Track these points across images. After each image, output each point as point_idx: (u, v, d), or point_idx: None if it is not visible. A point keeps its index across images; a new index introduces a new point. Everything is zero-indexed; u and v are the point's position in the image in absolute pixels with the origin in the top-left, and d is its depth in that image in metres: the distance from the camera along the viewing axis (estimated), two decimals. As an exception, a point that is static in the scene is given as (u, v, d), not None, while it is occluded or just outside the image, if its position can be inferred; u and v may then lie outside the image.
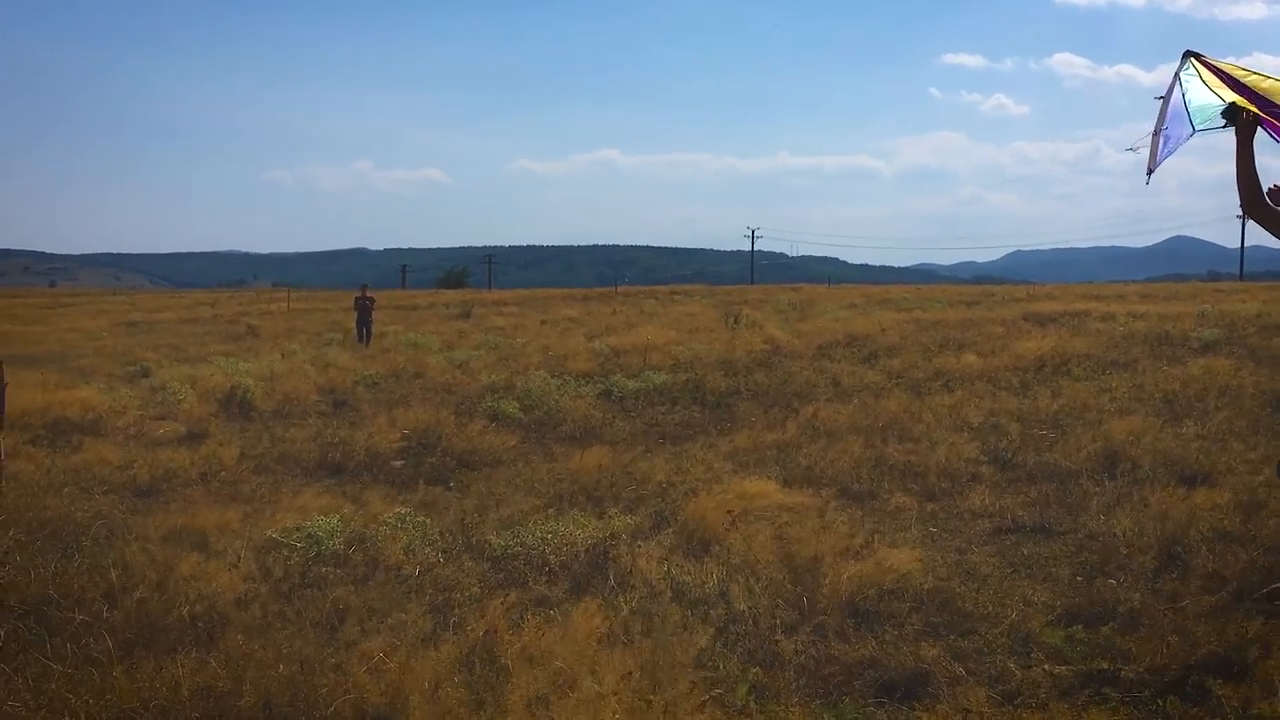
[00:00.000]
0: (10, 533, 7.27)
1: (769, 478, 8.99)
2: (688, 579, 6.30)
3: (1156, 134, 5.77)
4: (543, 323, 33.86)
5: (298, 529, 7.35)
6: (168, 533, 7.72)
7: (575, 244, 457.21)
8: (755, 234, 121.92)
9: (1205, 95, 5.60)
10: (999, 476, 8.95)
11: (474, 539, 7.38)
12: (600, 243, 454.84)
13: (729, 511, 7.44)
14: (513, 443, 11.53)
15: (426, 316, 41.17)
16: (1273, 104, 5.30)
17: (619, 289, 68.31)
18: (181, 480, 10.03)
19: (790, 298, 47.13)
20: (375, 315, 29.84)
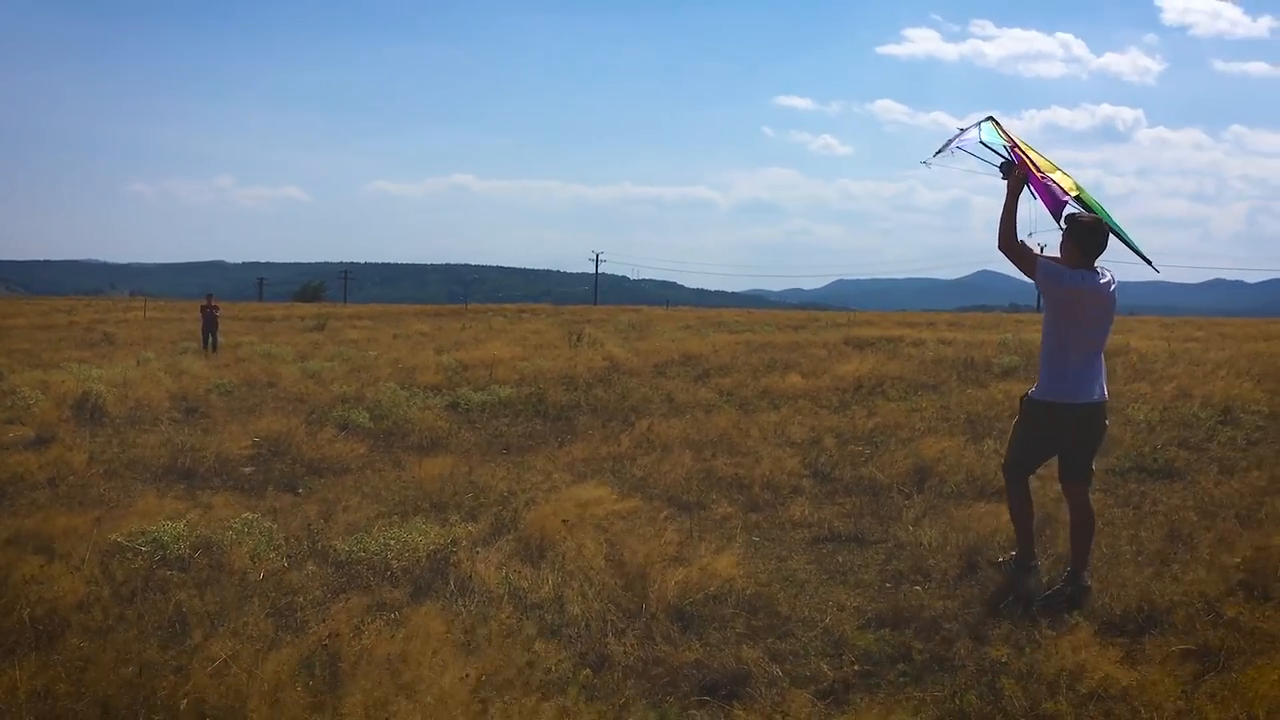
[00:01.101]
0: None
1: (604, 486, 8.97)
2: (524, 584, 6.24)
3: (950, 142, 6.60)
4: (395, 337, 33.43)
5: (143, 533, 7.07)
6: (11, 536, 7.35)
7: (429, 262, 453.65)
8: (600, 258, 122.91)
9: (995, 138, 6.47)
10: (818, 489, 9.07)
11: (319, 544, 7.19)
12: (453, 262, 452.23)
13: (564, 520, 7.39)
14: (362, 451, 11.31)
15: (282, 328, 40.35)
16: (1046, 178, 6.17)
17: (469, 306, 67.86)
18: (28, 484, 9.58)
19: (630, 318, 47.37)
20: (221, 324, 29.57)
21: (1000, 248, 6.15)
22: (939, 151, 6.60)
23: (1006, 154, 6.35)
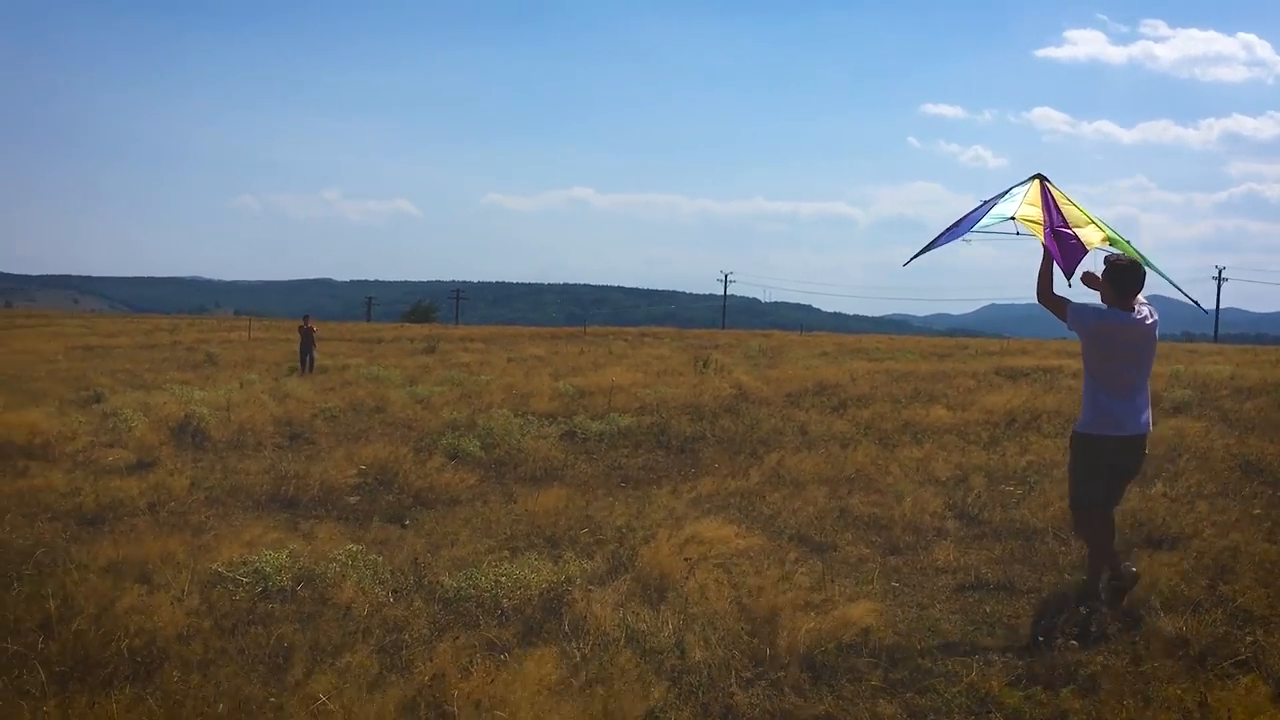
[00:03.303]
0: (-53, 558, 7.17)
1: (730, 524, 8.97)
2: (643, 627, 6.26)
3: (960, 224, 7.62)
4: (509, 360, 33.80)
5: (244, 563, 7.27)
6: (111, 563, 7.62)
7: (545, 282, 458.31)
8: (728, 278, 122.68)
9: (1009, 207, 7.40)
10: (964, 532, 8.95)
11: (426, 579, 7.32)
12: (571, 281, 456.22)
13: (687, 559, 7.41)
14: (471, 481, 11.47)
15: (390, 350, 41.10)
16: (1070, 234, 7.11)
17: (588, 329, 68.36)
18: (129, 510, 9.92)
19: (761, 344, 47.25)
20: (328, 346, 30.55)
21: (1039, 299, 7.13)
22: (927, 248, 7.83)
23: (1012, 216, 7.31)
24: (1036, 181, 7.58)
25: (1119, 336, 6.75)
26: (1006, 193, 7.64)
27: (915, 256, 7.93)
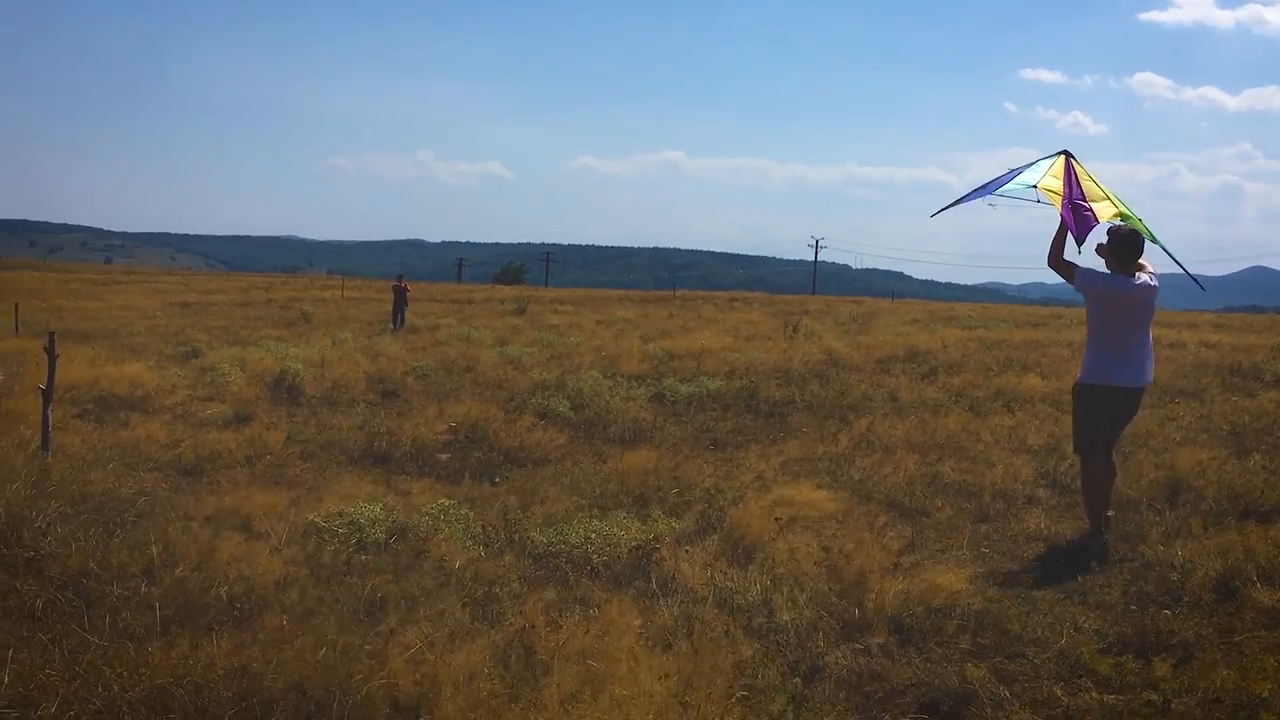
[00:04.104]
0: (54, 505, 7.39)
1: (819, 488, 8.99)
2: (731, 585, 6.32)
3: (987, 186, 8.30)
4: (598, 323, 33.91)
5: (340, 515, 7.45)
6: (210, 513, 7.85)
7: (635, 245, 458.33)
8: (819, 244, 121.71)
9: (1033, 176, 8.08)
10: (1056, 500, 8.87)
11: (517, 535, 7.44)
12: (661, 245, 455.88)
13: (776, 519, 7.44)
14: (561, 441, 11.59)
15: (481, 311, 41.41)
16: (1086, 206, 7.77)
17: (677, 293, 68.34)
18: (226, 462, 10.16)
19: (851, 310, 46.95)
20: (420, 305, 31.29)
21: (1049, 264, 7.83)
22: (955, 203, 8.56)
23: (1035, 185, 7.99)
24: (1062, 157, 8.19)
25: (1120, 299, 7.52)
26: (1033, 164, 8.30)
27: (942, 210, 8.71)
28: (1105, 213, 7.91)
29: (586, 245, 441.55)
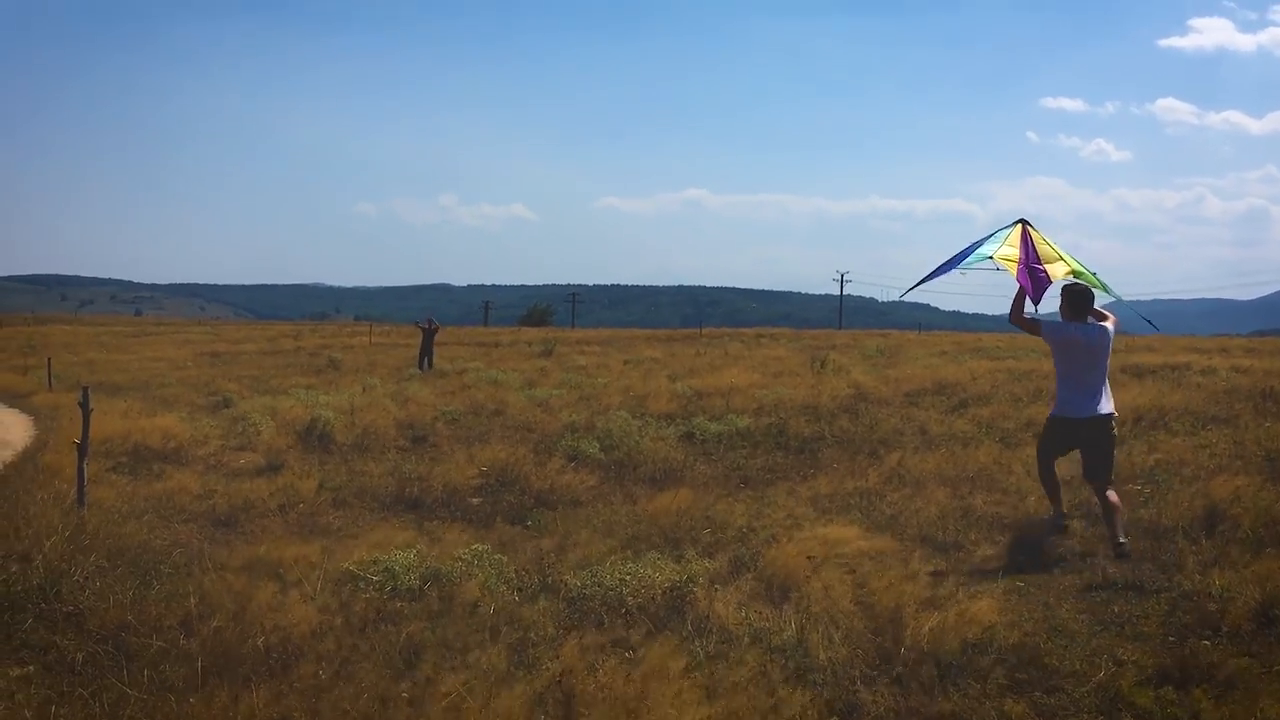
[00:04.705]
0: (91, 558, 7.46)
1: (851, 524, 8.97)
2: (766, 625, 6.31)
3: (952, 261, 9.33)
4: (625, 363, 33.94)
5: (374, 563, 7.47)
6: (245, 563, 7.89)
7: (660, 284, 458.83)
8: (844, 278, 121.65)
9: (991, 248, 9.09)
10: (1090, 531, 8.83)
11: (551, 579, 7.44)
12: (685, 283, 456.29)
13: (809, 557, 7.43)
14: (592, 483, 11.60)
15: (508, 354, 41.52)
16: (1040, 269, 8.89)
17: (703, 330, 68.36)
18: (260, 511, 10.23)
19: (878, 343, 46.79)
20: (448, 350, 31.76)
21: (1011, 321, 9.13)
22: (924, 280, 9.64)
23: (992, 256, 9.00)
24: (1019, 226, 9.32)
25: (1079, 344, 8.66)
26: (992, 235, 9.41)
27: (912, 289, 10.16)
28: (1059, 271, 9.04)
29: (612, 285, 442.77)
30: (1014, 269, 8.91)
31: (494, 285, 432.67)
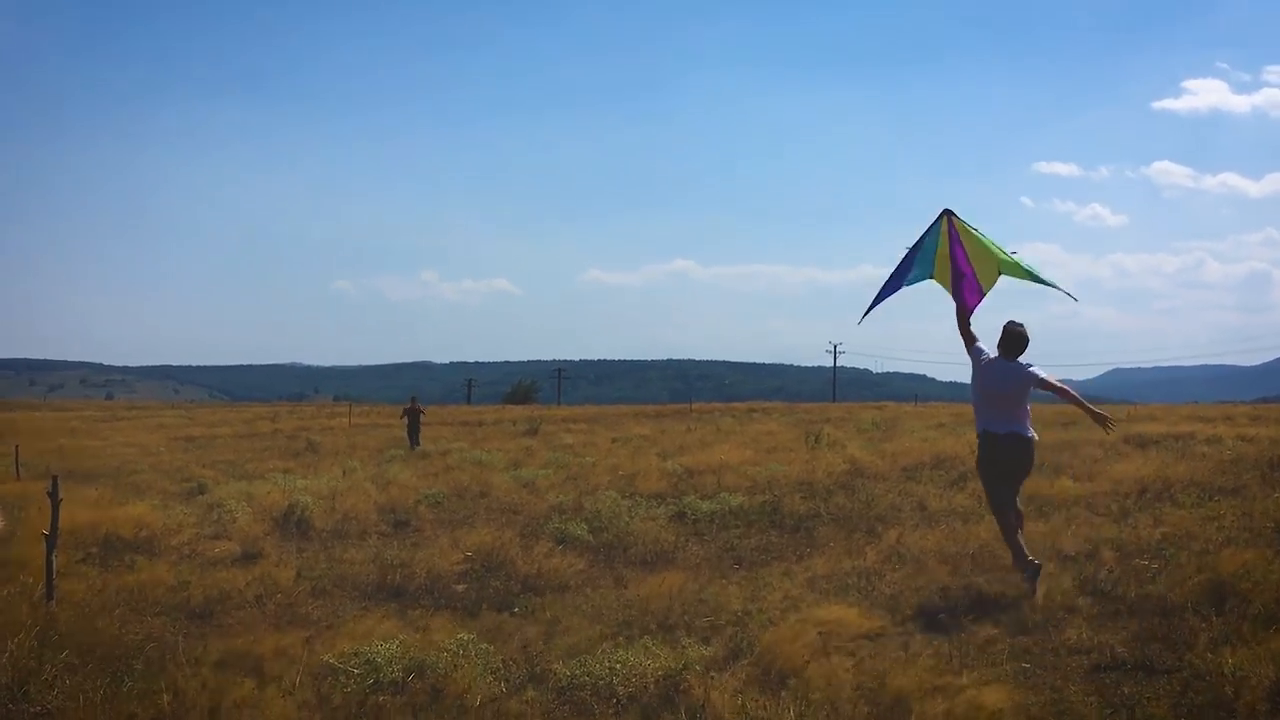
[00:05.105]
0: (60, 655, 7.37)
1: (850, 605, 8.91)
2: (764, 714, 6.24)
3: (894, 277, 10.38)
4: (613, 441, 33.87)
5: (355, 655, 7.40)
6: (221, 657, 7.80)
7: (648, 358, 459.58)
8: (837, 349, 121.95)
9: (927, 266, 10.12)
10: (1097, 609, 8.77)
11: (539, 668, 7.37)
12: (674, 357, 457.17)
13: (807, 644, 7.37)
14: (580, 566, 11.53)
15: (492, 433, 41.45)
16: (972, 278, 9.98)
17: (693, 406, 68.38)
18: (236, 602, 10.12)
19: (874, 416, 46.85)
20: (430, 430, 32.49)
21: (958, 328, 10.21)
22: (873, 305, 10.62)
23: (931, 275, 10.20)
24: (945, 218, 10.02)
25: (992, 376, 9.73)
26: (922, 238, 10.18)
27: (866, 314, 10.80)
28: (988, 272, 10.03)
29: (598, 360, 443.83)
30: (950, 287, 10.07)
31: (477, 362, 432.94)
